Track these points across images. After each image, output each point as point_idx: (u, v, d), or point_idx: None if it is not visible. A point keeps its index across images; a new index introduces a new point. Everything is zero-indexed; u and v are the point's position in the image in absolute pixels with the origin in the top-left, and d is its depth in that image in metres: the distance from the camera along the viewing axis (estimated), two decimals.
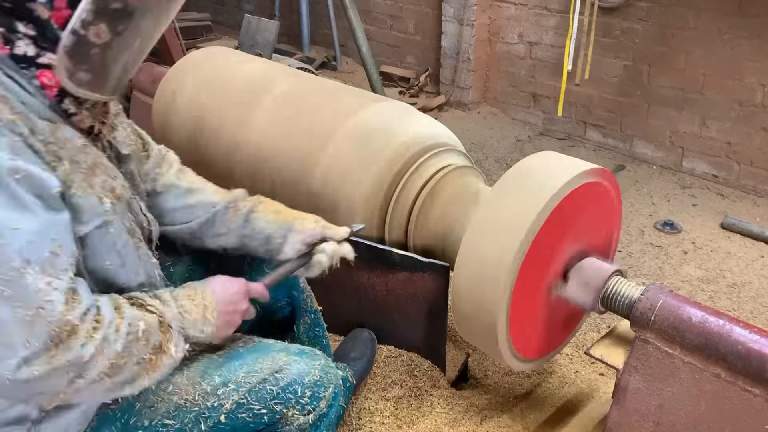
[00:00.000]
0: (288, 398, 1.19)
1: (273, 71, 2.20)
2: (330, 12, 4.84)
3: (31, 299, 0.90)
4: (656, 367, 1.37)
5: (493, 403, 1.83)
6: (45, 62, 0.97)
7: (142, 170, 1.31)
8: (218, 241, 1.39)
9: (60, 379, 0.94)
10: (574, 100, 3.75)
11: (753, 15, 2.98)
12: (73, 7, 0.94)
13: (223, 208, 1.38)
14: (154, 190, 1.35)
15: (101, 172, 1.08)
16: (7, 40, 0.94)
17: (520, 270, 1.42)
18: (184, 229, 1.38)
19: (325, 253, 1.37)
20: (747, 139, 3.17)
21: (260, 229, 1.38)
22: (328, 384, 1.24)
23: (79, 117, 1.05)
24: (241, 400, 1.17)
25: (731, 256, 2.66)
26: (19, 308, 0.89)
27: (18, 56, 0.95)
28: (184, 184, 1.39)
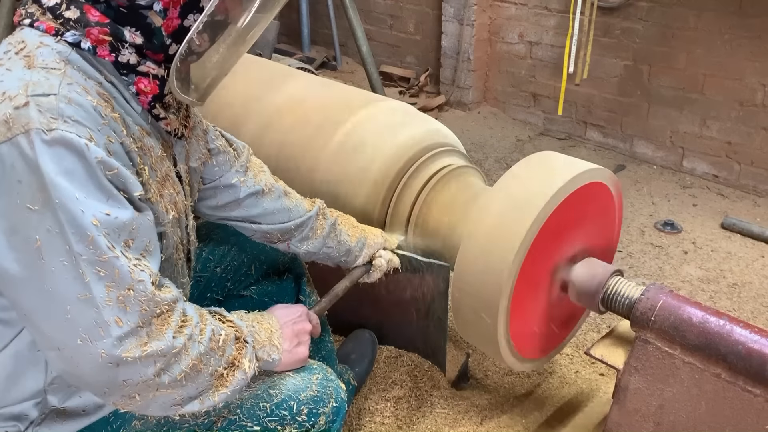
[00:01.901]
0: (283, 415, 1.15)
1: (274, 71, 2.20)
2: (330, 12, 4.84)
3: (124, 279, 0.92)
4: (656, 367, 1.37)
5: (493, 403, 1.83)
6: (144, 70, 1.01)
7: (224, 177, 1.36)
8: (304, 244, 1.48)
9: (149, 367, 0.95)
10: (575, 99, 3.75)
11: (753, 15, 2.98)
12: (182, 18, 0.99)
13: (315, 214, 1.49)
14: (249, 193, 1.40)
15: (170, 184, 1.12)
16: (113, 47, 0.97)
17: (520, 270, 1.42)
18: (283, 227, 1.44)
19: (383, 258, 1.57)
20: (747, 139, 3.17)
21: (344, 241, 1.52)
22: (327, 399, 1.19)
23: (167, 121, 1.09)
24: (233, 417, 1.13)
25: (732, 256, 2.66)
26: (113, 288, 0.91)
27: (121, 63, 0.98)
28: (281, 186, 1.47)
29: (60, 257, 0.88)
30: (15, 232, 0.88)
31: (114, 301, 0.91)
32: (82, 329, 0.90)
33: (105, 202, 0.91)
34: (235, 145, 1.42)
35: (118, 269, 0.91)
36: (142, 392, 0.97)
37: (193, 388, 1.02)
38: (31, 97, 0.87)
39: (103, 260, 0.90)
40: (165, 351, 0.96)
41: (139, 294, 0.94)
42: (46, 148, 0.86)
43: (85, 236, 0.88)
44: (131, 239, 0.94)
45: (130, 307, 0.93)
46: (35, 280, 0.89)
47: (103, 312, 0.90)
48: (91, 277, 0.89)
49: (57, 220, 0.87)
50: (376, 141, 1.75)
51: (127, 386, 0.95)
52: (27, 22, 0.97)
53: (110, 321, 0.91)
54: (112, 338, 0.91)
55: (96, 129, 0.91)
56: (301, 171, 1.81)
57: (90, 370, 0.92)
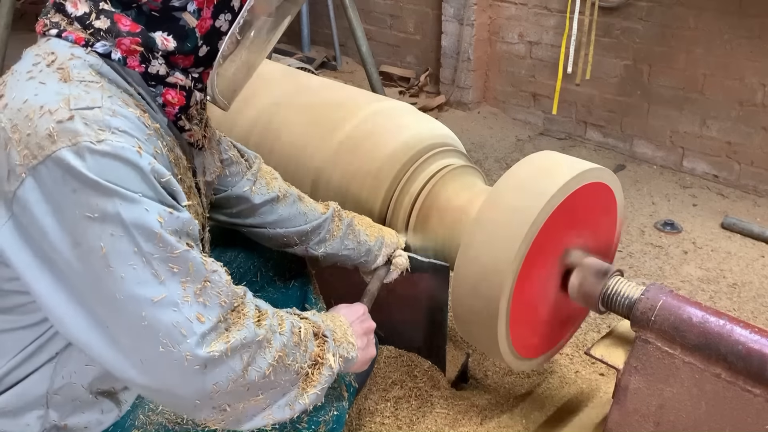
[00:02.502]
0: (283, 423, 1.11)
1: (274, 71, 2.20)
2: (330, 12, 4.84)
3: (198, 272, 0.90)
4: (657, 367, 1.37)
5: (493, 403, 1.83)
6: (172, 81, 0.99)
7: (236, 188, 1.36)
8: (321, 247, 1.49)
9: (236, 362, 0.92)
10: (575, 99, 3.75)
11: (753, 15, 2.98)
12: (214, 18, 0.97)
13: (330, 216, 1.49)
14: (263, 201, 1.40)
15: (193, 196, 1.12)
16: (144, 58, 0.95)
17: (520, 270, 1.42)
18: (300, 231, 1.45)
19: (403, 257, 1.60)
20: (747, 138, 3.17)
21: (363, 241, 1.53)
22: (329, 407, 1.18)
23: (191, 132, 1.09)
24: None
25: (732, 256, 2.66)
26: (189, 283, 0.88)
27: (150, 74, 0.97)
28: (295, 192, 1.48)
29: (129, 261, 0.85)
30: (78, 244, 0.84)
31: (192, 296, 0.88)
32: (162, 334, 0.86)
33: (163, 202, 0.89)
34: (246, 156, 1.42)
35: (191, 262, 0.89)
36: (232, 401, 0.94)
37: (280, 391, 1.00)
38: (75, 110, 0.85)
39: (175, 255, 0.87)
40: (249, 340, 0.93)
41: (216, 285, 0.92)
42: (98, 158, 0.83)
43: (153, 234, 0.86)
44: (191, 239, 0.92)
45: (209, 301, 0.90)
46: (105, 290, 0.86)
47: (182, 310, 0.87)
48: (165, 275, 0.87)
49: (121, 224, 0.84)
50: (376, 141, 1.75)
51: (217, 392, 0.91)
52: (54, 32, 0.94)
53: (192, 318, 0.88)
54: (196, 336, 0.87)
55: (144, 139, 0.90)
56: (302, 171, 1.81)
57: (178, 379, 0.89)
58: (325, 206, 1.52)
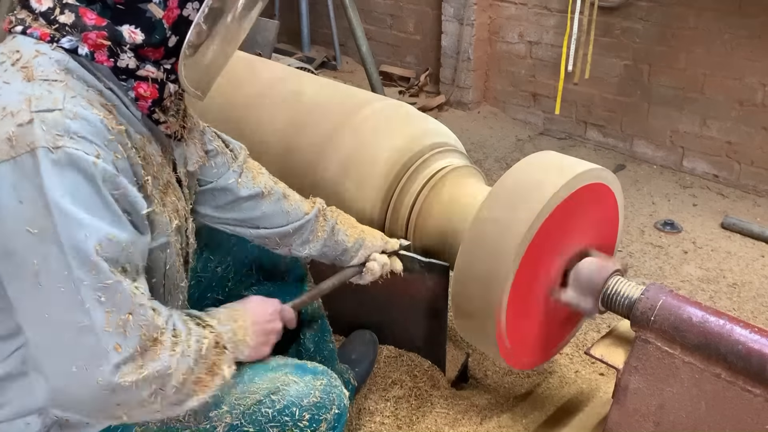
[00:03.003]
0: (285, 421, 1.13)
1: (274, 71, 2.20)
2: (330, 12, 4.84)
3: (124, 304, 0.90)
4: (656, 367, 1.37)
5: (493, 403, 1.83)
6: (143, 74, 0.98)
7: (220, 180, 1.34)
8: (305, 248, 1.46)
9: (145, 390, 0.93)
10: (575, 99, 3.75)
11: (753, 15, 2.98)
12: (181, 7, 0.97)
13: (314, 216, 1.45)
14: (248, 195, 1.37)
15: (171, 191, 1.11)
16: (112, 52, 0.95)
17: (519, 270, 1.42)
18: (281, 232, 1.41)
19: (377, 261, 1.51)
20: (747, 138, 3.17)
21: (341, 241, 1.48)
22: (330, 405, 1.17)
23: (167, 124, 1.08)
24: (235, 422, 1.11)
25: (732, 255, 2.66)
26: (113, 313, 0.89)
27: (120, 68, 0.96)
28: (281, 189, 1.43)
29: (58, 283, 0.86)
30: (10, 255, 0.85)
31: (113, 326, 0.89)
32: (78, 356, 0.88)
33: (109, 223, 0.89)
34: (231, 146, 1.40)
35: (120, 293, 0.90)
36: (131, 412, 0.96)
37: (176, 398, 1.01)
38: (35, 113, 0.85)
39: (105, 285, 0.88)
40: (161, 372, 0.94)
41: (139, 318, 0.92)
42: (51, 167, 0.83)
43: (88, 261, 0.86)
44: (128, 262, 0.93)
45: (130, 333, 0.91)
46: (31, 305, 0.87)
47: (101, 339, 0.88)
48: (91, 303, 0.87)
49: (58, 246, 0.85)
50: (375, 141, 1.75)
51: (119, 408, 0.93)
52: (19, 29, 0.94)
53: (109, 348, 0.88)
54: (110, 366, 0.88)
55: (103, 145, 0.89)
56: (302, 171, 1.81)
57: (84, 396, 0.90)
58: (311, 204, 1.48)
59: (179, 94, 1.10)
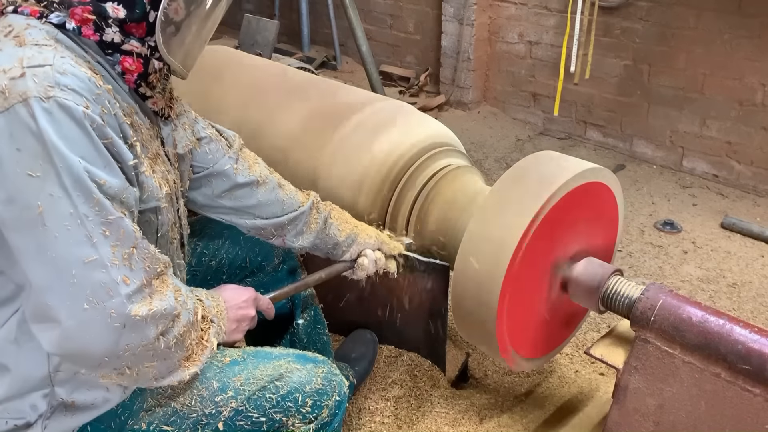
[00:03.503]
0: (288, 407, 1.17)
1: (274, 71, 2.20)
2: (330, 11, 4.84)
3: (128, 238, 0.95)
4: (656, 367, 1.37)
5: (493, 403, 1.83)
6: (128, 49, 1.03)
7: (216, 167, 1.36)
8: (299, 239, 1.47)
9: (151, 330, 0.97)
10: (574, 99, 3.75)
11: (753, 15, 2.98)
12: None
13: (308, 208, 1.46)
14: (244, 183, 1.39)
15: (161, 162, 1.14)
16: (97, 27, 0.99)
17: (520, 270, 1.42)
18: (277, 222, 1.43)
19: (368, 258, 1.52)
20: (747, 138, 3.17)
21: (333, 235, 1.50)
22: (331, 392, 1.21)
23: (153, 99, 1.12)
24: (240, 407, 1.15)
25: (731, 255, 2.66)
26: (118, 247, 0.93)
27: (105, 42, 1.01)
28: (276, 178, 1.45)
29: (64, 221, 0.89)
30: (12, 201, 0.89)
31: (120, 259, 0.93)
32: (89, 292, 0.91)
33: (103, 169, 0.93)
34: (225, 134, 1.42)
35: (123, 229, 0.94)
36: (132, 364, 0.99)
37: (169, 364, 1.04)
38: (27, 68, 0.89)
39: (108, 221, 0.92)
40: (168, 311, 0.99)
41: (142, 251, 0.97)
42: (45, 114, 0.88)
43: (91, 198, 0.90)
44: (126, 205, 0.97)
45: (135, 265, 0.95)
46: (37, 248, 0.90)
47: (110, 272, 0.92)
48: (97, 238, 0.91)
49: (61, 184, 0.89)
50: (375, 141, 1.75)
51: (125, 353, 0.96)
52: (10, 9, 0.99)
53: (118, 279, 0.93)
54: (121, 297, 0.93)
55: (91, 99, 0.94)
56: (301, 171, 1.81)
57: (95, 336, 0.93)
58: (305, 195, 1.50)
59: (165, 74, 1.14)
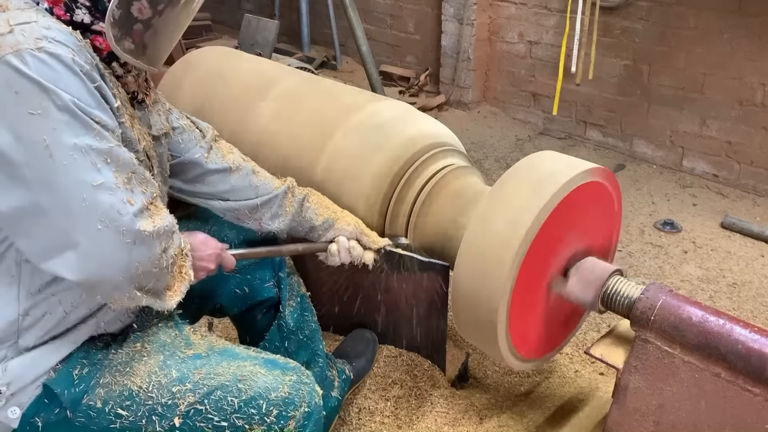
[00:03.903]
0: (251, 413, 1.12)
1: (274, 70, 2.20)
2: (330, 11, 4.84)
3: (126, 164, 1.04)
4: (656, 367, 1.37)
5: (493, 402, 1.83)
6: (98, 29, 1.09)
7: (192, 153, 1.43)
8: (275, 222, 1.52)
9: (157, 245, 1.05)
10: (575, 99, 3.75)
11: (753, 14, 2.98)
12: None
13: (283, 192, 1.52)
14: (216, 169, 1.46)
15: (137, 124, 1.21)
16: (68, 8, 1.07)
17: (519, 270, 1.42)
18: (249, 204, 1.49)
19: (338, 244, 1.56)
20: (747, 138, 3.17)
21: (309, 219, 1.55)
22: (300, 403, 1.16)
23: (125, 80, 1.17)
24: (198, 405, 1.11)
25: (731, 255, 2.66)
26: (119, 172, 1.02)
27: (76, 23, 1.07)
28: (250, 165, 1.52)
29: (70, 151, 0.97)
30: (19, 139, 0.95)
31: (122, 183, 1.02)
32: (100, 213, 0.98)
33: (96, 107, 1.01)
34: (199, 126, 1.49)
35: (121, 156, 1.03)
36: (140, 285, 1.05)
37: (161, 286, 1.10)
38: (15, 25, 0.97)
39: (109, 148, 1.01)
40: (168, 228, 1.09)
41: (140, 176, 1.06)
42: (37, 61, 0.95)
43: (91, 128, 0.99)
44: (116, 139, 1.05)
45: (135, 189, 1.04)
46: (48, 179, 0.96)
47: (116, 194, 1.01)
48: (101, 164, 1.00)
49: (61, 119, 0.96)
50: (375, 141, 1.75)
51: (137, 272, 1.02)
52: None
53: (124, 200, 1.01)
54: (129, 215, 1.01)
55: (77, 50, 1.01)
56: (301, 171, 1.81)
57: (111, 253, 0.99)
58: (281, 181, 1.55)
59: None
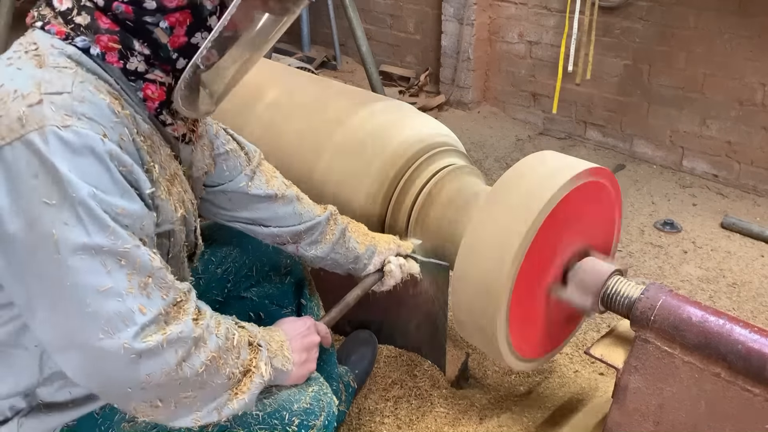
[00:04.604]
0: (274, 424, 1.12)
1: (273, 70, 2.20)
2: (330, 11, 4.84)
3: (144, 267, 0.93)
4: (656, 367, 1.37)
5: (493, 402, 1.83)
6: (151, 78, 1.02)
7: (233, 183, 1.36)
8: (313, 248, 1.48)
9: (170, 356, 0.94)
10: (574, 99, 3.75)
11: (753, 15, 2.98)
12: (189, 36, 1.00)
13: (325, 219, 1.48)
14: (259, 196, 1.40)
15: (178, 182, 1.13)
16: (122, 55, 0.98)
17: (519, 270, 1.42)
18: (293, 231, 1.44)
19: (393, 264, 1.55)
20: (747, 138, 3.17)
21: (353, 248, 1.51)
22: (319, 412, 1.18)
23: (174, 126, 1.11)
24: (225, 423, 1.10)
25: (731, 255, 2.66)
26: (134, 276, 0.92)
27: (129, 70, 1.00)
28: (294, 192, 1.47)
29: (78, 250, 0.88)
30: (31, 228, 0.87)
31: (136, 288, 0.92)
32: (103, 321, 0.89)
33: (120, 197, 0.92)
34: (246, 149, 1.42)
35: (139, 258, 0.92)
36: (164, 395, 0.96)
37: (210, 393, 1.01)
38: (45, 95, 0.88)
39: (125, 250, 0.91)
40: (185, 335, 0.96)
41: (159, 281, 0.95)
42: (61, 144, 0.86)
43: (106, 227, 0.89)
44: (144, 233, 0.96)
45: (152, 294, 0.94)
46: (52, 276, 0.89)
47: (126, 301, 0.91)
48: (112, 266, 0.90)
49: (74, 213, 0.87)
50: (375, 141, 1.75)
51: (150, 383, 0.94)
52: (39, 24, 0.98)
53: (134, 309, 0.91)
54: (136, 327, 0.91)
55: (109, 127, 0.92)
56: (301, 171, 1.81)
57: (112, 366, 0.91)
58: (323, 209, 1.51)
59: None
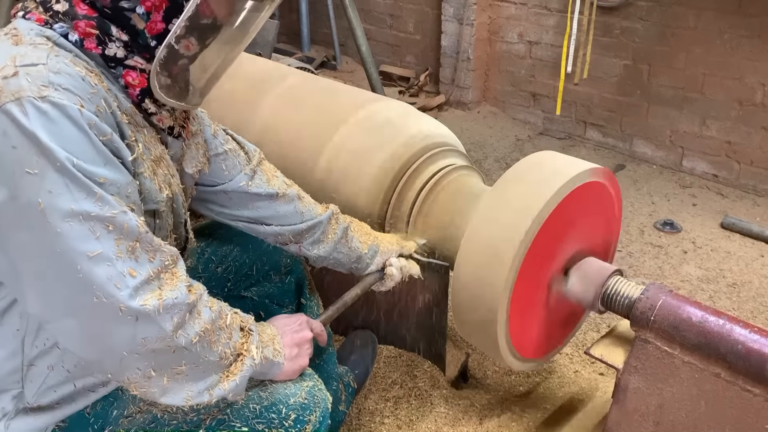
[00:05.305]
0: (271, 418, 1.13)
1: (273, 70, 2.20)
2: (330, 11, 4.84)
3: (132, 232, 0.94)
4: (656, 367, 1.37)
5: (493, 402, 1.83)
6: (131, 64, 1.01)
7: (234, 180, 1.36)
8: (316, 248, 1.48)
9: (167, 321, 0.96)
10: (574, 99, 3.75)
11: (753, 14, 2.98)
12: (166, 21, 0.99)
13: (327, 218, 1.48)
14: (260, 194, 1.39)
15: (165, 166, 1.12)
16: (100, 41, 0.99)
17: (519, 270, 1.42)
18: (295, 229, 1.44)
19: (394, 266, 1.54)
20: (747, 138, 3.17)
21: (355, 248, 1.51)
22: (314, 407, 1.18)
23: (159, 117, 1.09)
24: (222, 416, 1.12)
25: (731, 255, 2.66)
26: (122, 240, 0.93)
27: (108, 56, 1.00)
28: (295, 190, 1.47)
29: (66, 217, 0.88)
30: (15, 198, 0.87)
31: (125, 252, 0.93)
32: (96, 286, 0.90)
33: (103, 166, 0.92)
34: (246, 149, 1.42)
35: (126, 223, 0.93)
36: (157, 365, 0.97)
37: (202, 370, 1.03)
38: (20, 67, 0.89)
39: (112, 215, 0.91)
40: (180, 301, 0.97)
41: (146, 244, 0.96)
42: (39, 114, 0.86)
43: (92, 192, 0.90)
44: (130, 200, 0.97)
45: (140, 257, 0.95)
46: (41, 244, 0.89)
47: (116, 265, 0.91)
48: (100, 232, 0.90)
49: (59, 181, 0.87)
50: (375, 141, 1.75)
51: (145, 348, 0.95)
52: (21, 14, 1.00)
53: (124, 272, 0.92)
54: (129, 289, 0.92)
55: (87, 98, 0.92)
56: (301, 171, 1.81)
57: (109, 329, 0.92)
58: (324, 208, 1.51)
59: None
